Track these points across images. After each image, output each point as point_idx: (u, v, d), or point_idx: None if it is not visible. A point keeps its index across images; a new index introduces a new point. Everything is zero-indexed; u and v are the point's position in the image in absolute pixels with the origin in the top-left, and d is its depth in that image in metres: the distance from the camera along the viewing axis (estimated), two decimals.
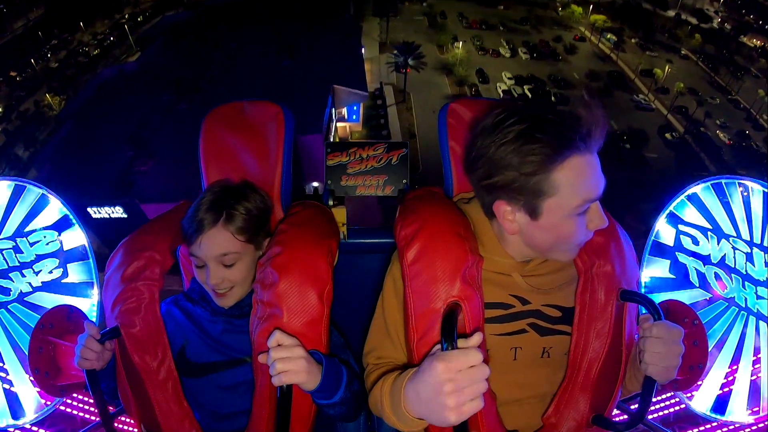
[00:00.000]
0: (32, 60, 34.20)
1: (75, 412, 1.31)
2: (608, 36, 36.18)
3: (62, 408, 1.32)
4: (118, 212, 13.06)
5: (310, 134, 14.95)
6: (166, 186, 14.12)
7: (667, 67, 31.94)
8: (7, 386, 1.23)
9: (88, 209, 12.92)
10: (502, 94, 27.37)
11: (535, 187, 0.81)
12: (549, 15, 38.59)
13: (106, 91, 21.23)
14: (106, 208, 13.01)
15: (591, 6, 38.65)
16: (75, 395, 1.34)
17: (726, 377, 1.16)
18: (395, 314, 0.96)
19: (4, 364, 1.24)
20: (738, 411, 1.14)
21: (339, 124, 20.58)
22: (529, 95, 27.23)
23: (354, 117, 21.41)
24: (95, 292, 1.32)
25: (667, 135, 25.53)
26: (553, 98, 27.27)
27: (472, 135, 0.88)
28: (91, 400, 1.34)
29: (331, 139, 17.66)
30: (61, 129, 20.23)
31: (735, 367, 1.16)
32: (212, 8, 29.20)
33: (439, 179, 1.23)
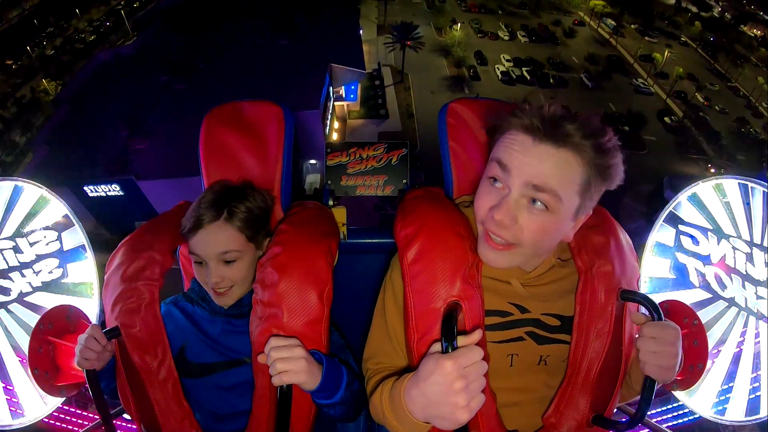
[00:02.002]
0: (28, 48, 34.18)
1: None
2: (608, 21, 36.21)
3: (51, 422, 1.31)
4: (114, 190, 13.00)
5: (307, 110, 14.97)
6: (163, 163, 14.12)
7: (666, 52, 32.01)
8: (7, 386, 1.23)
9: (85, 188, 12.85)
10: (500, 76, 27.53)
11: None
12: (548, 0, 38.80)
13: (103, 74, 21.25)
14: (103, 186, 12.93)
15: None
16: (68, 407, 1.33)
17: (726, 377, 1.16)
18: (395, 320, 0.96)
19: (4, 364, 1.24)
20: (738, 411, 1.14)
21: (336, 103, 20.63)
22: (528, 77, 27.38)
23: (352, 96, 21.44)
24: (95, 291, 1.32)
25: (666, 119, 25.66)
26: (551, 80, 27.45)
27: None
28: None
29: (329, 116, 17.71)
30: (58, 112, 20.12)
31: (735, 367, 1.16)
32: None
33: (437, 158, 1.21)
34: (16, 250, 1.26)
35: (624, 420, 0.89)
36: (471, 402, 0.69)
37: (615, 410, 0.94)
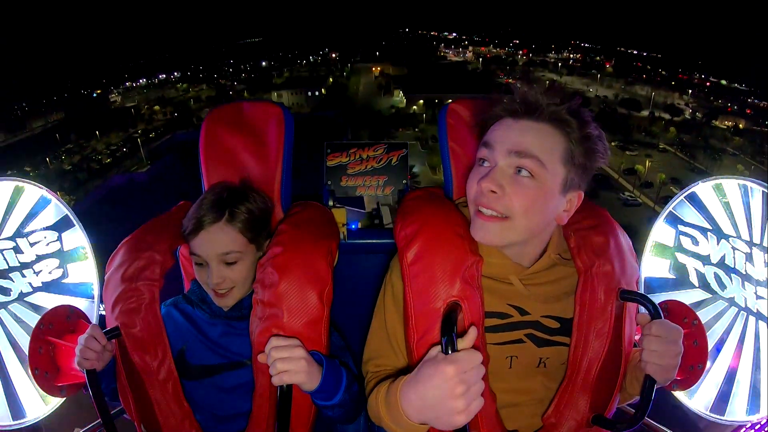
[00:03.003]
0: (47, 159, 36.27)
1: None
2: None
3: None
4: None
5: None
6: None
7: (648, 162, 34.36)
8: (7, 386, 1.23)
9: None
10: None
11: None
12: None
13: (116, 195, 22.02)
14: None
15: None
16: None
17: (726, 377, 1.16)
18: (394, 322, 0.96)
19: (4, 364, 1.24)
20: (738, 411, 1.14)
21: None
22: None
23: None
24: (95, 291, 1.32)
25: None
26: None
27: None
28: None
29: None
30: None
31: (735, 367, 1.16)
32: None
33: None
34: (17, 250, 1.26)
35: (624, 420, 0.89)
36: (470, 406, 0.69)
37: (615, 410, 0.94)
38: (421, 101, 48.30)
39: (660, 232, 1.30)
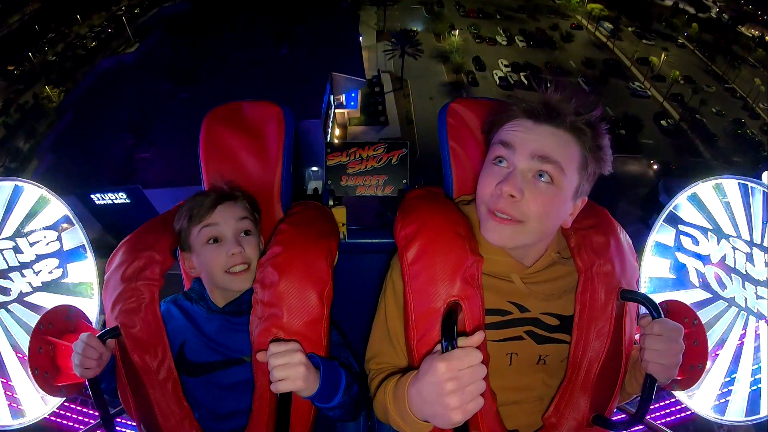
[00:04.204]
0: (30, 53, 34.17)
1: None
2: (605, 24, 36.27)
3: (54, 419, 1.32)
4: (121, 198, 13.25)
5: (309, 119, 15.25)
6: (168, 172, 14.43)
7: (663, 55, 32.13)
8: (7, 386, 1.23)
9: (92, 196, 13.10)
10: (498, 81, 27.57)
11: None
12: (546, 3, 38.80)
13: (105, 82, 21.48)
14: (110, 195, 13.19)
15: None
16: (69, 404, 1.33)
17: (726, 377, 1.16)
18: (395, 320, 0.96)
19: (4, 364, 1.24)
20: (738, 411, 1.14)
21: (337, 111, 20.97)
22: (525, 82, 27.43)
23: (352, 103, 21.88)
24: (95, 291, 1.32)
25: (663, 122, 25.77)
26: (548, 84, 27.85)
27: None
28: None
29: (330, 123, 18.05)
30: (62, 119, 20.33)
31: (735, 367, 1.15)
32: None
33: (437, 164, 1.23)
34: (16, 250, 1.26)
35: (624, 420, 0.89)
36: (467, 404, 0.69)
37: (615, 410, 0.94)
38: None
39: (660, 232, 1.30)
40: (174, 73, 20.01)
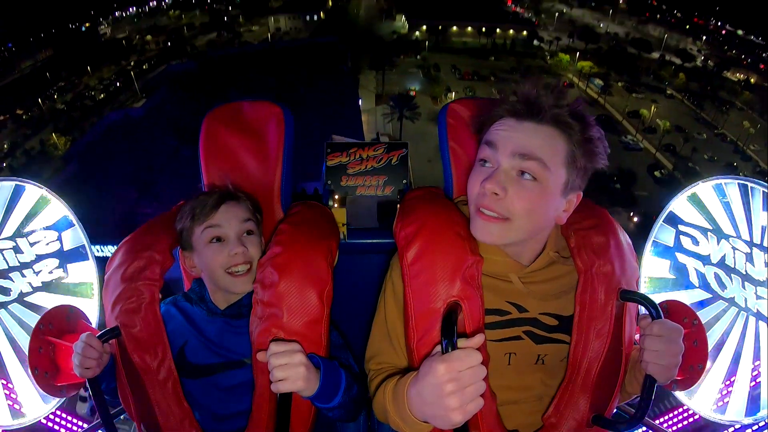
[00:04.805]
0: (39, 99, 35.05)
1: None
2: (596, 81, 37.56)
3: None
4: None
5: (310, 181, 15.58)
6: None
7: (653, 107, 33.16)
8: (7, 386, 1.23)
9: (93, 247, 13.25)
10: None
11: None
12: (538, 64, 40.20)
13: (112, 134, 21.92)
14: (110, 247, 13.31)
15: (578, 53, 40.49)
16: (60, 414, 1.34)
17: (726, 377, 1.16)
18: (395, 320, 0.96)
19: (4, 364, 1.24)
20: (738, 411, 1.14)
21: None
22: None
23: None
24: (95, 291, 1.32)
25: (657, 173, 26.34)
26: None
27: None
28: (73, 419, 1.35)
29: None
30: (67, 168, 20.59)
31: (735, 367, 1.15)
32: (215, 59, 30.69)
33: None
34: (17, 250, 1.26)
35: (624, 420, 0.89)
36: (466, 405, 0.69)
37: (615, 410, 0.94)
38: (424, 27, 46.09)
39: (660, 232, 1.29)
40: (179, 130, 20.24)
